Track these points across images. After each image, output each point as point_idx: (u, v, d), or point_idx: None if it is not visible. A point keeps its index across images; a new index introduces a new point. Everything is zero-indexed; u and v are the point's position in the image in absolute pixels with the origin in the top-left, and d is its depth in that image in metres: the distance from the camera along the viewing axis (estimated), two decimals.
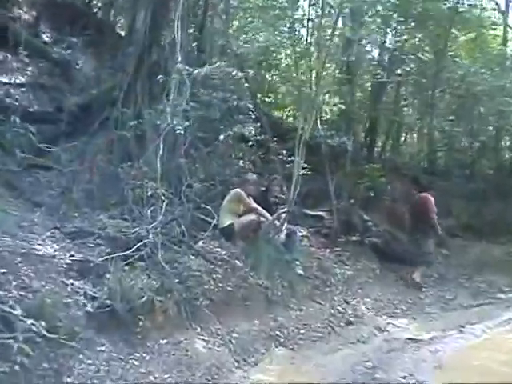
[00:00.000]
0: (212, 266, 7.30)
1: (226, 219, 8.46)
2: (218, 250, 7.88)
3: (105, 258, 6.30)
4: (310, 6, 12.02)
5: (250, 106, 9.32)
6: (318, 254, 9.93)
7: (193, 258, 7.19)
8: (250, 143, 9.76)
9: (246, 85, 9.97)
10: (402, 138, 16.40)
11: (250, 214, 8.54)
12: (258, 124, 9.66)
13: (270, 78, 14.88)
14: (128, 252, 6.45)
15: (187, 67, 8.07)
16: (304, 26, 12.26)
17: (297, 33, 11.80)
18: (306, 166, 8.89)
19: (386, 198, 12.06)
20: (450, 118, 14.64)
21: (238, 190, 8.57)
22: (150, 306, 5.93)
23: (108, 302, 5.63)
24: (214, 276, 7.14)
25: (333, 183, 10.88)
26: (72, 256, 6.23)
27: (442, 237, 11.18)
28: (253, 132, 9.02)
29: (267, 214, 8.63)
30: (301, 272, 8.74)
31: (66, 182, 8.38)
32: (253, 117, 9.45)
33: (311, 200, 11.25)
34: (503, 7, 15.74)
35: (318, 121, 10.60)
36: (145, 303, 5.84)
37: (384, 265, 10.84)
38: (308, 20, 12.09)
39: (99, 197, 8.03)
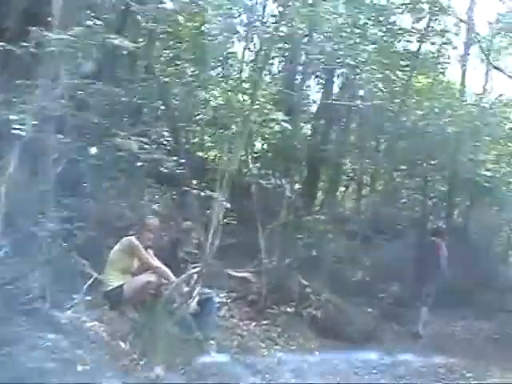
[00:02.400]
0: (79, 351, 5.01)
1: (113, 278, 6.27)
2: (95, 324, 5.61)
3: None
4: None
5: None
6: (240, 329, 7.92)
7: (52, 336, 4.93)
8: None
9: None
10: (346, 188, 14.71)
11: (148, 272, 6.36)
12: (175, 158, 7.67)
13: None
14: None
15: None
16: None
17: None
18: (231, 212, 6.85)
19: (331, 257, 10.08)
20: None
21: (132, 238, 6.39)
22: None
23: None
24: (81, 368, 4.87)
25: (264, 236, 8.84)
26: None
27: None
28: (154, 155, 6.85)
29: (171, 275, 6.46)
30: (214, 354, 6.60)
31: None
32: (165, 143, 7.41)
33: (235, 257, 9.24)
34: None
35: (249, 156, 8.64)
36: None
37: (325, 344, 8.82)
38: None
39: None
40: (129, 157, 6.97)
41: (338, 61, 9.69)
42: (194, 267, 6.81)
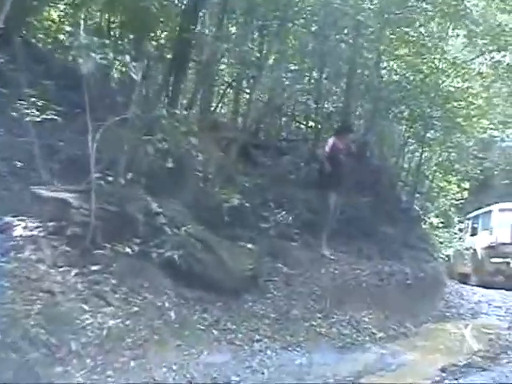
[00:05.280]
0: None
1: None
2: None
3: None
4: None
5: None
6: (52, 281, 5.20)
7: None
8: None
9: None
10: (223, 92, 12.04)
11: None
12: None
13: None
14: None
15: None
16: None
17: None
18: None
19: (196, 173, 7.37)
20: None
21: None
22: None
23: None
24: None
25: (97, 138, 5.93)
26: None
27: None
28: None
29: None
30: None
31: None
32: None
33: (59, 166, 6.37)
34: None
35: None
36: None
37: (187, 299, 6.32)
38: None
39: None
40: None
41: None
42: None
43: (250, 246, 7.89)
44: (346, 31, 11.03)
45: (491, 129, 14.93)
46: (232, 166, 8.45)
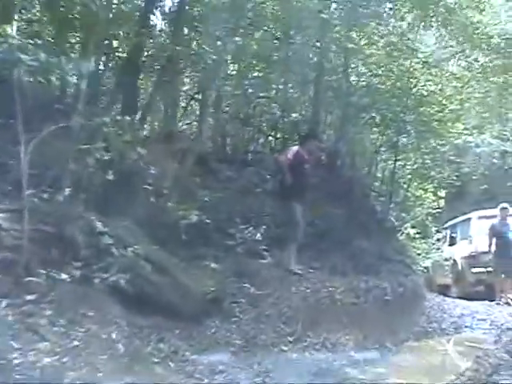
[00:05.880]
0: None
1: None
2: None
3: None
4: None
5: None
6: None
7: None
8: None
9: None
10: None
11: None
12: None
13: None
14: None
15: None
16: None
17: None
18: None
19: (147, 186, 6.72)
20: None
21: None
22: None
23: None
24: None
25: (30, 150, 5.25)
26: None
27: None
28: None
29: None
30: None
31: None
32: None
33: None
34: None
35: None
36: None
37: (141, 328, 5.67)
38: None
39: None
40: None
41: None
42: None
43: (213, 265, 7.33)
44: (311, 32, 10.53)
45: (465, 134, 14.57)
46: (191, 180, 7.82)
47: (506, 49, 11.43)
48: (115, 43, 9.15)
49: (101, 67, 8.38)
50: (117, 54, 9.10)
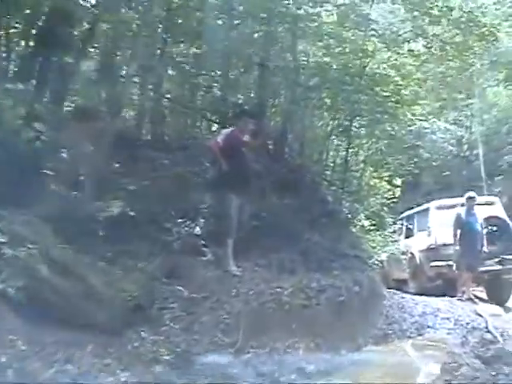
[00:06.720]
0: None
1: None
2: None
3: None
4: None
5: None
6: None
7: None
8: None
9: None
10: None
11: None
12: None
13: None
14: None
15: None
16: None
17: None
18: None
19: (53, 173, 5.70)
20: None
21: None
22: None
23: None
24: None
25: None
26: None
27: None
28: None
29: None
30: None
31: None
32: None
33: None
34: None
35: None
36: None
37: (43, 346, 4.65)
38: None
39: None
40: None
41: None
42: None
43: (140, 265, 6.36)
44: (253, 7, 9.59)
45: (421, 120, 13.87)
46: (113, 166, 6.78)
47: (467, 23, 10.64)
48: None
49: None
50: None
